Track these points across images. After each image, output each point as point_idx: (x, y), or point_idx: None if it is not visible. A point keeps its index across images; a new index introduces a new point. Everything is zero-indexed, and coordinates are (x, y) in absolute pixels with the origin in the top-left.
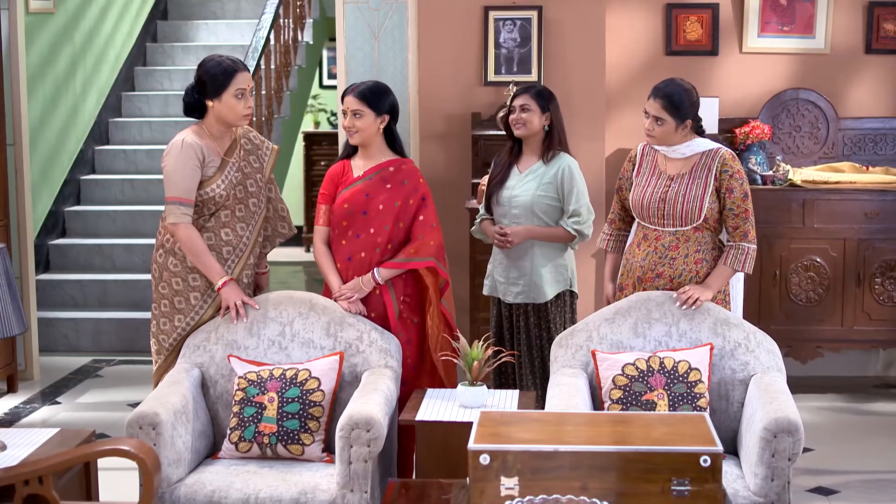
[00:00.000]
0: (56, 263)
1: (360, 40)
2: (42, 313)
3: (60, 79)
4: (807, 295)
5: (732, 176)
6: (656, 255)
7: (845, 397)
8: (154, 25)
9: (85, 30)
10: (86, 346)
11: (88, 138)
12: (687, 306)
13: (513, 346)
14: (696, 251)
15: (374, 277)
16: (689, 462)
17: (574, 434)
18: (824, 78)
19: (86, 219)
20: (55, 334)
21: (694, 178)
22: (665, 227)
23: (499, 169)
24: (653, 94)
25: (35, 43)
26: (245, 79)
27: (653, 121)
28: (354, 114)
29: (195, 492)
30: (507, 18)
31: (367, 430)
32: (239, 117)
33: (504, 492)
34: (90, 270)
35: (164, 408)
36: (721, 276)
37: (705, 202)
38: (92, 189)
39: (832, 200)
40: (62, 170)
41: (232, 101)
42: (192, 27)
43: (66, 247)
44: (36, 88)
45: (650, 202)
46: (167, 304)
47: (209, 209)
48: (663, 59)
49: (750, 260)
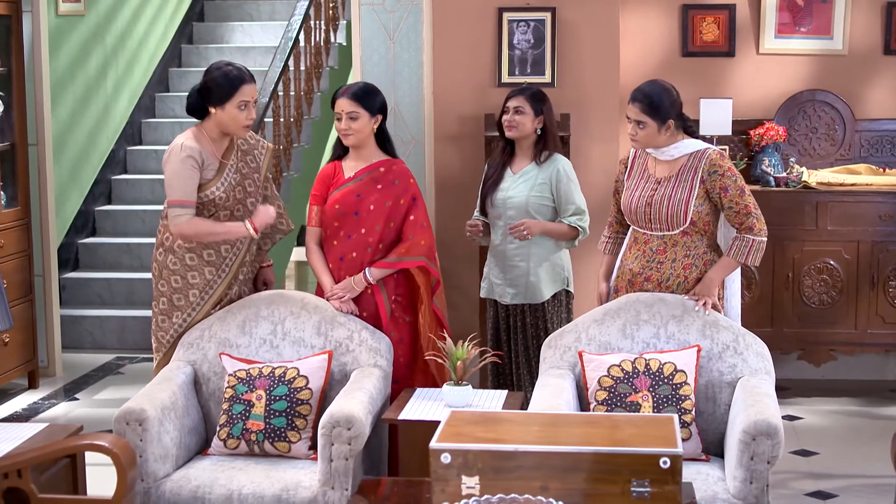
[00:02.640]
0: (85, 262)
1: (375, 42)
2: (69, 311)
3: (91, 80)
4: (820, 298)
5: (723, 175)
6: (644, 259)
7: (860, 401)
8: (190, 27)
9: (116, 32)
10: (111, 344)
11: (120, 138)
12: (706, 310)
13: (509, 347)
14: (684, 256)
15: (365, 277)
16: (648, 463)
17: (539, 434)
18: (842, 79)
19: (115, 218)
20: (81, 331)
21: (679, 181)
22: (653, 230)
23: (493, 170)
24: (631, 97)
25: (65, 45)
26: (250, 91)
27: (634, 125)
28: (349, 116)
29: (180, 487)
30: (521, 20)
31: (347, 429)
32: (240, 128)
33: (465, 490)
34: (118, 269)
35: (152, 404)
36: (722, 268)
37: (690, 205)
38: (123, 189)
39: (846, 202)
40: (92, 169)
41: (234, 112)
42: (228, 29)
43: (95, 245)
44: (65, 89)
45: (637, 206)
46: (166, 302)
47: (209, 210)
48: (679, 60)
49: (755, 252)
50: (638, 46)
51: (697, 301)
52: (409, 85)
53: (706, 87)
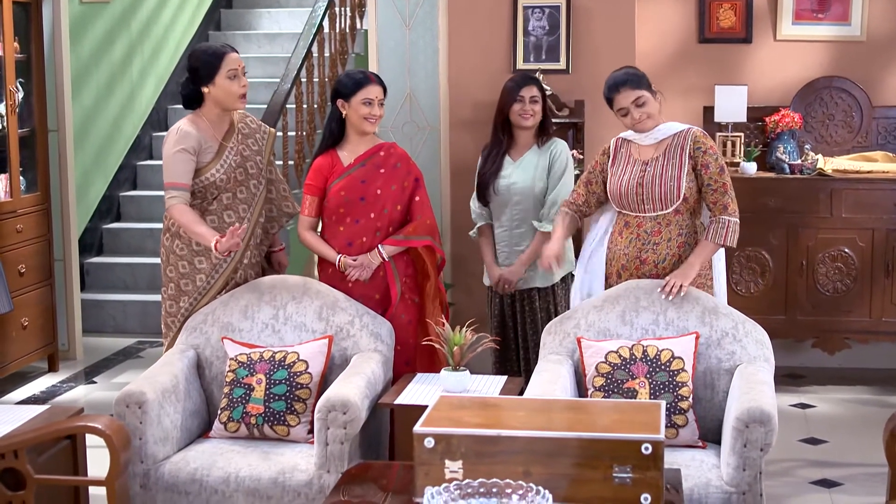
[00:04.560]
0: (109, 247)
1: (391, 28)
2: (92, 295)
3: (116, 66)
4: (834, 285)
5: (706, 152)
6: (639, 242)
7: (874, 390)
8: (218, 14)
9: (142, 18)
10: (133, 328)
11: (146, 124)
12: (673, 296)
13: (516, 333)
14: (678, 234)
15: (380, 253)
16: (630, 449)
17: (524, 420)
18: (859, 66)
19: (140, 203)
20: (104, 315)
21: (669, 160)
22: (646, 212)
23: (492, 159)
24: (614, 88)
25: (89, 31)
26: (235, 59)
27: (634, 107)
28: (380, 102)
29: (179, 469)
30: (536, 6)
31: (343, 413)
32: (235, 98)
33: (448, 474)
34: (142, 254)
35: (152, 387)
36: (702, 252)
37: (682, 181)
38: (148, 174)
39: (860, 190)
40: (117, 155)
41: (226, 83)
42: (255, 16)
43: (119, 230)
44: (90, 76)
45: (628, 189)
46: (174, 287)
47: (211, 193)
48: (696, 47)
49: (731, 233)
50: (654, 33)
51: (665, 285)
52: (425, 71)
53: (723, 74)
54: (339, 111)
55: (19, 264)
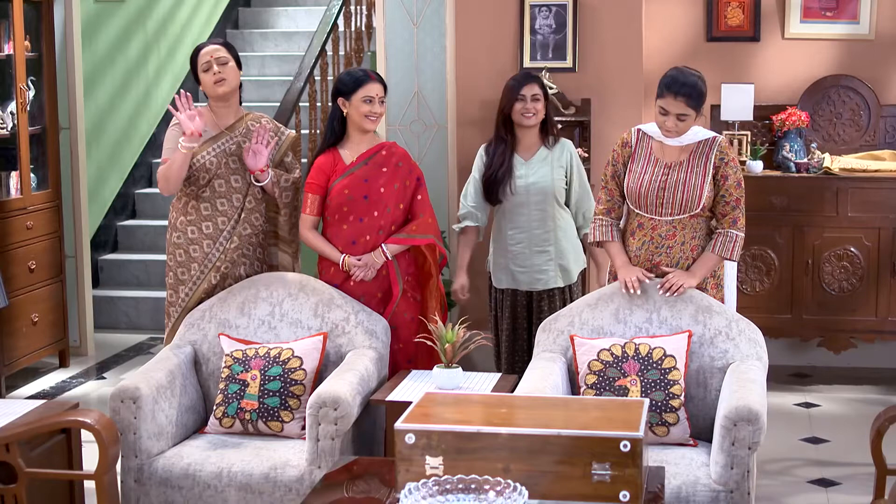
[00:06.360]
0: (123, 244)
1: (399, 27)
2: (104, 291)
3: (132, 65)
4: (840, 285)
5: (728, 164)
6: (653, 245)
7: (880, 389)
8: (236, 12)
9: (158, 17)
10: (145, 324)
11: (161, 122)
12: (671, 293)
13: (529, 333)
14: (692, 238)
15: (383, 251)
16: (609, 447)
17: (504, 417)
18: (868, 64)
19: (154, 201)
20: (116, 312)
21: (693, 166)
22: (662, 215)
23: (500, 160)
24: (672, 91)
25: (103, 30)
26: (205, 53)
27: (675, 119)
28: (381, 101)
29: (172, 464)
30: (543, 5)
31: (334, 409)
32: (210, 86)
33: (429, 470)
34: (155, 251)
35: (147, 383)
36: (707, 263)
37: (704, 190)
38: None
39: (867, 189)
40: (133, 153)
41: (203, 77)
42: (273, 14)
43: (133, 227)
44: (104, 74)
45: (648, 191)
46: (174, 277)
47: (203, 178)
48: (704, 45)
49: (737, 248)
50: (662, 31)
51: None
52: (432, 69)
53: (731, 72)
54: (339, 109)
55: (29, 261)
